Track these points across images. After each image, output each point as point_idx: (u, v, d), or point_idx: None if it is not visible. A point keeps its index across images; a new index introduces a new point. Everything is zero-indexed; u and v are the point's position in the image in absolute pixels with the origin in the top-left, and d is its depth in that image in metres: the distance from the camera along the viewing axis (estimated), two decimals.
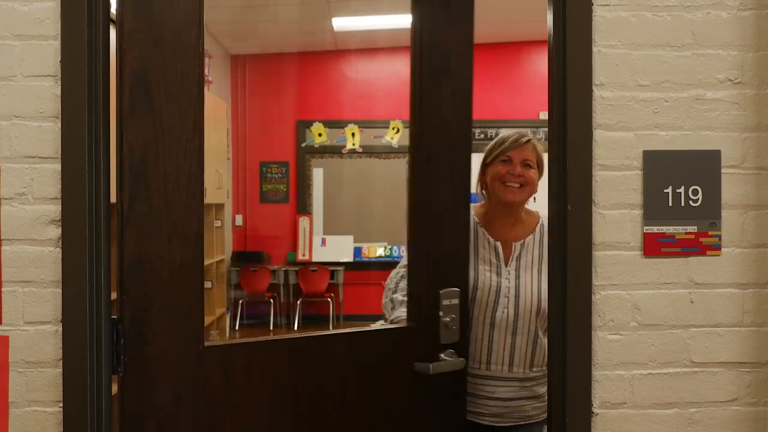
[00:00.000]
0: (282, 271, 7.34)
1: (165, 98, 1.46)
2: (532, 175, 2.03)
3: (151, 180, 1.44)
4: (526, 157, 2.02)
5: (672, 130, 1.50)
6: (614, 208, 1.49)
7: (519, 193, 2.01)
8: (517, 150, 2.03)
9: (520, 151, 2.03)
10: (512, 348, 1.97)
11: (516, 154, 2.02)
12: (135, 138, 1.43)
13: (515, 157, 2.02)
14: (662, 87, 1.50)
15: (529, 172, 2.02)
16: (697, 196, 1.50)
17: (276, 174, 7.84)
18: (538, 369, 2.00)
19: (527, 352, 1.98)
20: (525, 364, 1.98)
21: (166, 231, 1.46)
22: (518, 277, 1.99)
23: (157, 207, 1.45)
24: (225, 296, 6.44)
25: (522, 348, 1.97)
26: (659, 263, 1.49)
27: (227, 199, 6.62)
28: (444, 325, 1.77)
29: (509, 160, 2.02)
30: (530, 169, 2.03)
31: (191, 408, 1.49)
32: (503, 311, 1.96)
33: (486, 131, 7.69)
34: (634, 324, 1.49)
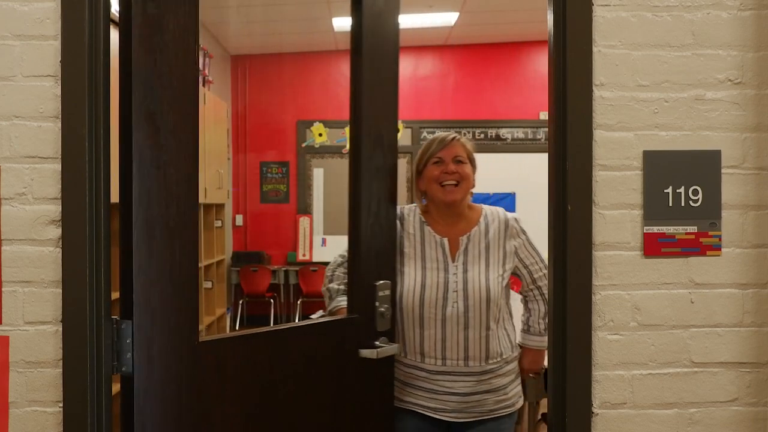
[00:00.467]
0: (282, 271, 7.34)
1: (168, 101, 1.47)
2: (466, 170, 2.07)
3: (156, 182, 1.46)
4: (456, 154, 2.07)
5: (672, 130, 1.50)
6: (614, 208, 1.49)
7: (457, 191, 2.05)
8: (446, 149, 2.07)
9: (450, 150, 2.07)
10: (466, 342, 1.99)
11: (446, 153, 2.07)
12: (143, 138, 1.44)
13: (446, 156, 2.07)
14: (662, 87, 1.50)
15: (462, 168, 2.06)
16: (697, 196, 1.49)
17: (276, 174, 7.84)
18: (494, 361, 2.01)
19: (481, 345, 1.99)
20: (480, 357, 1.99)
21: (167, 230, 1.47)
22: (466, 271, 2.01)
23: (160, 207, 1.47)
24: (225, 296, 6.44)
25: (476, 341, 1.99)
26: (659, 263, 1.49)
27: (227, 199, 6.62)
28: (380, 314, 1.91)
29: (441, 161, 2.07)
30: (463, 165, 2.07)
31: (188, 401, 1.51)
32: (453, 306, 1.98)
33: (486, 131, 7.69)
34: (634, 324, 1.49)
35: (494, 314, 2.00)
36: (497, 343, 2.02)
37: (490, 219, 2.09)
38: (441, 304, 1.99)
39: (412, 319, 2.01)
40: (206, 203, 5.68)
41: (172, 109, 1.49)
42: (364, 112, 1.88)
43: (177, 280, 1.49)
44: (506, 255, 2.05)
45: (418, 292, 2.00)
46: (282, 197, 7.84)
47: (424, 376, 2.02)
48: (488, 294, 1.98)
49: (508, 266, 2.05)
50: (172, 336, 1.49)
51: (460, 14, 6.45)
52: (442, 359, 2.00)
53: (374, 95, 1.90)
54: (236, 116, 7.59)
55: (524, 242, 2.08)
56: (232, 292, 7.23)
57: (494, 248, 2.04)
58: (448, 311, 1.98)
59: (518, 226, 2.09)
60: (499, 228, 2.07)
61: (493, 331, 2.00)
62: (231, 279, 7.13)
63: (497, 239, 2.05)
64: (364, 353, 1.85)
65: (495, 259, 2.03)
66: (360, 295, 1.88)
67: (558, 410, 1.50)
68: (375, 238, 1.92)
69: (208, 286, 5.77)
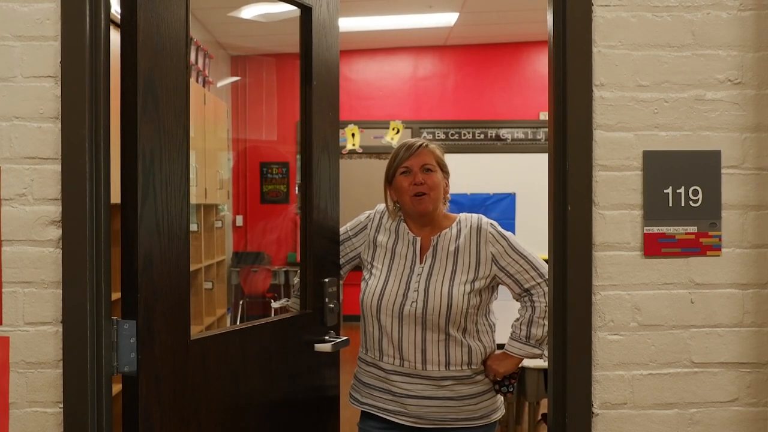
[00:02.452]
0: (282, 272, 7.34)
1: (165, 102, 1.49)
2: (436, 178, 2.01)
3: (156, 181, 1.47)
4: (424, 162, 2.01)
5: (672, 130, 1.50)
6: (614, 209, 1.49)
7: (428, 202, 1.99)
8: (413, 158, 2.02)
9: (417, 158, 2.02)
10: (423, 344, 1.94)
11: (413, 162, 2.02)
12: (146, 139, 1.45)
13: (413, 165, 2.02)
14: (662, 87, 1.50)
15: (431, 177, 2.01)
16: (697, 196, 1.49)
17: (276, 174, 7.85)
18: (458, 369, 1.95)
19: (440, 350, 1.94)
20: (439, 362, 1.94)
21: (166, 230, 1.49)
22: (430, 273, 1.97)
23: (160, 207, 1.48)
24: (226, 297, 6.44)
25: (434, 344, 1.94)
26: (659, 263, 1.49)
27: (228, 199, 6.62)
28: (329, 309, 1.98)
29: (408, 171, 2.02)
30: (432, 173, 2.01)
31: (182, 397, 1.53)
32: (411, 305, 1.94)
33: (486, 132, 7.69)
34: (635, 324, 1.49)
35: (456, 322, 1.94)
36: (464, 352, 1.95)
37: (463, 224, 2.03)
38: (400, 302, 1.96)
39: (371, 314, 2.00)
40: (206, 204, 5.68)
41: (172, 108, 1.50)
42: (315, 123, 1.95)
43: (175, 279, 1.51)
44: (479, 262, 1.97)
45: (379, 287, 1.99)
46: (282, 198, 7.84)
47: (382, 376, 1.98)
48: (449, 300, 1.92)
49: (481, 274, 1.96)
50: (171, 334, 1.50)
51: (460, 14, 6.45)
52: (400, 359, 1.96)
53: (321, 107, 1.98)
54: (236, 117, 7.59)
55: (505, 249, 1.98)
56: (233, 293, 7.23)
57: (464, 253, 1.98)
58: (406, 309, 1.94)
59: (495, 232, 2.00)
60: (471, 233, 2.00)
61: (454, 338, 1.94)
62: (231, 279, 7.13)
63: (468, 244, 1.99)
64: (319, 347, 1.93)
65: (463, 264, 1.97)
66: (311, 292, 1.95)
67: (558, 410, 1.50)
68: (323, 236, 1.99)
69: (209, 286, 5.77)
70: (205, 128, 5.45)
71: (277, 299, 7.29)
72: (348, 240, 2.12)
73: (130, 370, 1.44)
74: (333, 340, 1.97)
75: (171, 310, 1.50)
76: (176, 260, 1.51)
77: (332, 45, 2.03)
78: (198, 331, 5.04)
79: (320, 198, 1.98)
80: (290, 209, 7.77)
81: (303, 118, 1.97)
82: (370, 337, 2.02)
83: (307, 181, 1.96)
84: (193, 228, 5.27)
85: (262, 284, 7.16)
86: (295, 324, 1.92)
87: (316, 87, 1.96)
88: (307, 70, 1.94)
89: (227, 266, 6.83)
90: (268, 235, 7.70)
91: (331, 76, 2.03)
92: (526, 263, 1.99)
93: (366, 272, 2.07)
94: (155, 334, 1.47)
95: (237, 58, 7.69)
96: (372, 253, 2.07)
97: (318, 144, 1.98)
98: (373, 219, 2.12)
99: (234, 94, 7.67)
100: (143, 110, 1.44)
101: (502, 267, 1.99)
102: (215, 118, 5.88)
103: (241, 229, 7.72)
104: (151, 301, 1.46)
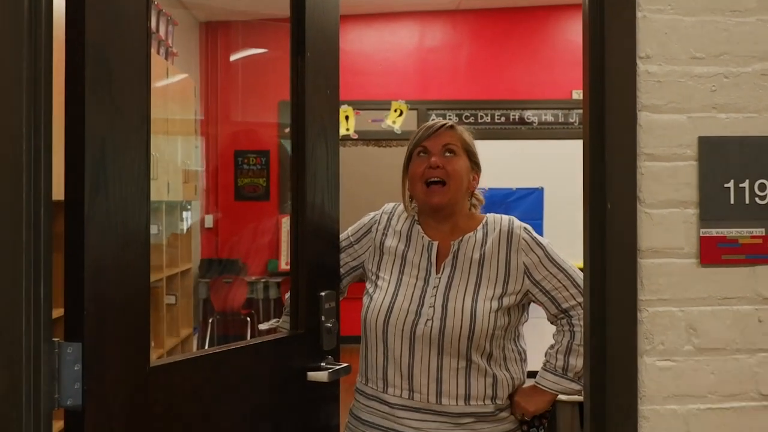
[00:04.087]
0: (261, 284, 7.35)
1: (120, 78, 1.48)
2: (458, 164, 1.98)
3: (109, 172, 1.46)
4: (446, 142, 1.99)
5: (733, 111, 1.50)
6: (663, 207, 1.49)
7: (444, 192, 1.96)
8: (432, 138, 1.99)
9: (438, 138, 1.99)
10: (439, 372, 1.91)
11: (433, 142, 1.99)
12: (96, 122, 1.44)
13: (432, 146, 1.99)
14: (721, 60, 1.49)
15: (452, 162, 1.97)
16: (765, 191, 1.49)
17: (254, 165, 7.85)
18: (479, 403, 1.93)
19: (458, 379, 1.91)
20: (457, 395, 1.91)
21: (121, 232, 1.48)
22: (449, 285, 1.95)
23: (113, 204, 1.47)
24: (192, 314, 6.44)
25: (451, 373, 1.91)
26: (719, 274, 1.49)
27: (195, 195, 6.62)
28: (326, 330, 1.94)
29: (426, 152, 1.99)
30: (454, 158, 1.98)
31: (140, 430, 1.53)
32: (426, 324, 1.92)
33: (508, 114, 7.70)
34: (690, 348, 1.49)
35: (479, 346, 1.92)
36: (488, 383, 1.93)
37: (490, 227, 2.02)
38: (411, 320, 1.93)
39: (375, 334, 1.98)
40: (170, 201, 5.68)
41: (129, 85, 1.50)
42: (309, 104, 1.94)
43: (131, 292, 1.50)
44: (508, 274, 1.96)
45: (387, 302, 1.97)
46: (261, 193, 7.85)
47: (386, 413, 1.95)
48: (472, 319, 1.90)
49: (510, 288, 1.95)
50: (126, 360, 1.50)
51: None
52: (409, 390, 1.93)
53: (317, 83, 1.97)
54: (206, 95, 7.59)
55: (541, 259, 1.96)
56: (201, 309, 7.23)
57: (490, 263, 1.96)
58: (419, 329, 1.92)
59: (529, 238, 1.99)
60: (500, 238, 1.98)
61: (477, 365, 1.92)
62: (199, 293, 7.14)
63: (496, 252, 1.97)
64: (313, 376, 1.89)
65: (490, 276, 1.95)
66: (304, 308, 1.92)
67: None
68: (319, 240, 1.98)
69: (171, 301, 5.77)
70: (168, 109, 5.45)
71: (254, 315, 7.29)
72: (350, 246, 2.12)
73: (74, 404, 1.43)
74: (331, 367, 1.93)
75: (126, 330, 1.49)
76: (133, 269, 1.50)
77: (330, 8, 2.01)
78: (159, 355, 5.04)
79: (316, 193, 1.97)
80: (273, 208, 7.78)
81: (294, 96, 1.96)
82: (372, 364, 1.99)
83: (300, 172, 1.94)
84: (154, 230, 5.27)
85: (237, 298, 7.17)
86: (283, 347, 1.90)
87: (310, 60, 1.95)
88: (300, 39, 1.93)
89: (194, 277, 6.83)
90: (244, 239, 7.71)
91: (329, 47, 2.01)
92: (566, 278, 1.97)
93: (370, 284, 2.07)
94: (106, 360, 1.46)
95: (207, 25, 7.69)
96: (378, 261, 2.06)
97: (313, 128, 1.97)
98: (379, 221, 2.12)
99: (203, 69, 7.68)
100: (93, 88, 1.43)
101: (537, 281, 1.97)
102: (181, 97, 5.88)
103: (211, 231, 7.72)
104: (101, 318, 1.45)
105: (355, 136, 7.72)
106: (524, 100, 7.68)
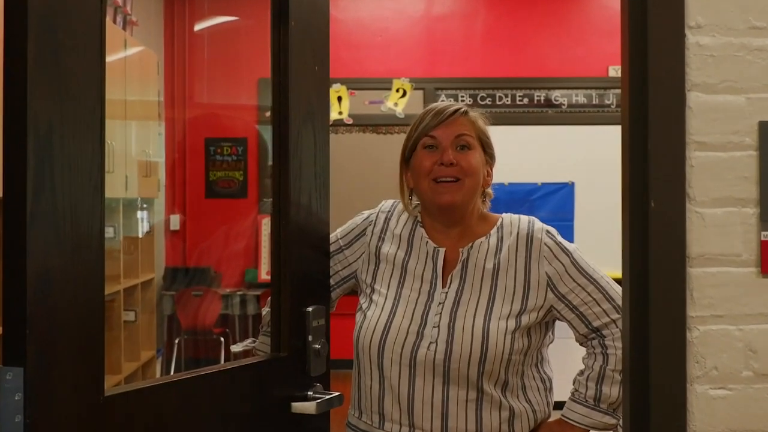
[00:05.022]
0: (238, 297, 7.35)
1: (70, 51, 1.48)
2: (474, 160, 1.99)
3: (56, 164, 1.46)
4: (459, 132, 1.99)
5: None
6: (718, 205, 1.49)
7: (457, 190, 1.97)
8: (443, 127, 1.99)
9: (449, 128, 1.99)
10: (444, 405, 1.92)
11: (444, 132, 1.99)
12: (41, 105, 1.44)
13: (443, 137, 1.99)
14: None
15: (468, 157, 1.98)
16: None
17: (229, 156, 7.86)
18: None
19: (468, 414, 1.92)
20: (467, 431, 1.92)
21: (70, 236, 1.48)
22: (457, 302, 1.96)
23: (61, 203, 1.47)
24: (155, 333, 6.44)
25: (460, 405, 1.91)
26: None
27: (158, 192, 6.63)
28: (314, 352, 1.94)
29: (435, 145, 1.99)
30: (470, 152, 1.99)
31: None
32: (429, 347, 1.93)
33: (532, 95, 7.71)
34: (749, 374, 1.49)
35: (493, 373, 1.92)
36: (503, 417, 1.93)
37: (506, 230, 2.02)
38: (412, 342, 1.94)
39: (369, 359, 1.98)
40: (127, 198, 5.69)
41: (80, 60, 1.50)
42: (293, 82, 1.93)
43: (82, 307, 1.50)
44: (528, 287, 1.97)
45: (383, 321, 1.98)
46: (237, 189, 7.86)
47: None
48: (484, 341, 1.90)
49: (531, 304, 1.96)
50: (77, 388, 1.49)
51: None
52: (409, 426, 1.94)
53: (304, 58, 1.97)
54: (171, 73, 7.60)
55: (567, 268, 1.97)
56: (165, 327, 7.24)
57: (507, 273, 1.97)
58: (421, 353, 1.93)
59: (553, 243, 1.99)
60: (518, 244, 1.99)
61: (490, 397, 1.92)
62: (163, 308, 7.14)
63: (513, 260, 1.98)
64: (299, 407, 1.88)
65: (506, 289, 1.96)
66: (287, 327, 1.92)
67: None
68: (306, 246, 1.98)
69: (130, 318, 5.78)
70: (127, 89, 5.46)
71: (229, 335, 7.30)
72: (339, 252, 2.12)
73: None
74: (319, 396, 1.93)
75: (76, 352, 1.49)
76: (85, 280, 1.50)
77: None
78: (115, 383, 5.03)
79: (302, 189, 1.98)
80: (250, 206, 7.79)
81: (276, 74, 1.96)
82: (366, 394, 2.01)
83: (283, 164, 1.95)
84: (109, 234, 5.27)
85: (208, 315, 7.17)
86: (263, 373, 1.90)
87: (294, 30, 1.95)
88: (282, 5, 1.93)
89: (157, 289, 6.84)
90: (216, 244, 7.71)
91: (317, 15, 2.02)
92: (597, 290, 1.97)
93: (364, 298, 2.07)
94: (53, 388, 1.45)
95: None
96: (373, 271, 2.07)
97: (299, 112, 1.97)
98: (375, 222, 2.12)
99: (168, 40, 7.68)
100: (37, 63, 1.43)
101: (562, 295, 1.97)
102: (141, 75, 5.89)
103: (177, 234, 7.73)
104: (47, 339, 1.44)
105: (350, 120, 7.73)
106: (551, 78, 7.68)
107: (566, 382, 2.06)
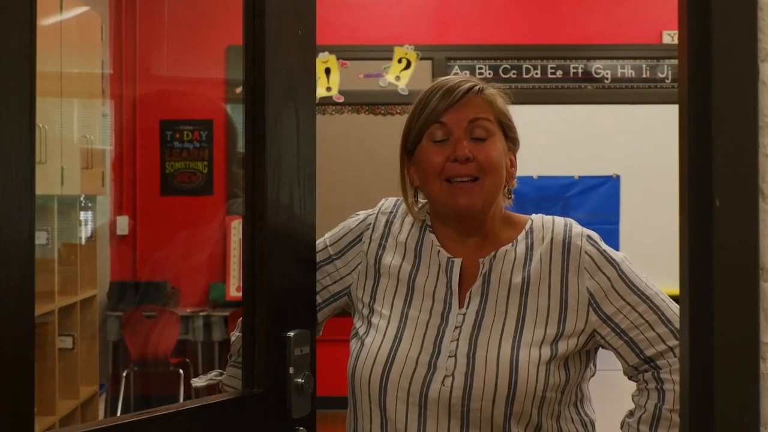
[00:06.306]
0: (201, 318, 7.36)
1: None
2: (494, 151, 1.96)
3: None
4: (474, 116, 1.97)
5: None
6: None
7: (477, 191, 1.95)
8: (455, 110, 1.97)
9: (462, 111, 1.97)
10: None
11: (455, 116, 1.96)
12: None
13: (455, 122, 1.96)
14: None
15: (487, 148, 1.96)
16: None
17: (190, 143, 7.87)
18: None
19: None
20: None
21: None
22: (477, 326, 1.96)
23: None
24: (98, 364, 6.45)
25: None
26: None
27: (103, 188, 6.63)
28: (296, 388, 1.96)
29: (445, 136, 1.97)
30: (489, 142, 1.97)
31: None
32: (444, 382, 1.93)
33: (567, 66, 7.72)
34: None
35: (524, 414, 1.92)
36: None
37: (537, 235, 2.02)
38: (422, 375, 1.94)
39: (368, 397, 1.99)
40: (64, 196, 5.69)
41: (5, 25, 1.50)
42: (270, 50, 1.95)
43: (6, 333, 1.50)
44: (566, 307, 1.96)
45: (385, 349, 1.98)
46: (200, 184, 7.86)
47: None
48: (512, 377, 1.91)
49: (569, 328, 1.96)
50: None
51: None
52: None
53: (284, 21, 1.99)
54: (119, 39, 7.60)
55: (613, 283, 1.98)
56: (110, 357, 7.24)
57: (539, 290, 1.98)
58: (433, 390, 1.93)
59: (596, 251, 2.00)
60: (553, 252, 1.99)
61: None
62: (107, 332, 7.15)
63: (547, 273, 1.98)
64: None
65: (538, 310, 1.97)
66: (263, 356, 1.94)
67: None
68: (287, 256, 2.00)
69: (67, 344, 5.79)
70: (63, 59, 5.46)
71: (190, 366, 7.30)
72: (328, 263, 2.13)
73: None
74: None
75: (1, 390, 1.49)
76: (10, 298, 1.50)
77: None
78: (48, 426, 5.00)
79: (281, 185, 1.98)
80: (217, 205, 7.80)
81: (250, 41, 1.96)
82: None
83: (258, 153, 1.96)
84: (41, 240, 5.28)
85: (164, 341, 7.17)
86: (232, 414, 1.91)
87: None
88: None
89: (100, 309, 6.84)
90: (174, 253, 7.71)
91: None
92: (651, 311, 1.97)
93: (360, 321, 2.08)
94: None
95: None
96: (371, 287, 2.08)
97: (278, 87, 1.98)
98: (374, 226, 2.12)
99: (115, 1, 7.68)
100: None
101: (608, 316, 1.97)
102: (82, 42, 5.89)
103: (125, 240, 7.73)
104: None
105: (341, 98, 7.74)
106: (592, 45, 7.70)
107: (612, 426, 2.07)
